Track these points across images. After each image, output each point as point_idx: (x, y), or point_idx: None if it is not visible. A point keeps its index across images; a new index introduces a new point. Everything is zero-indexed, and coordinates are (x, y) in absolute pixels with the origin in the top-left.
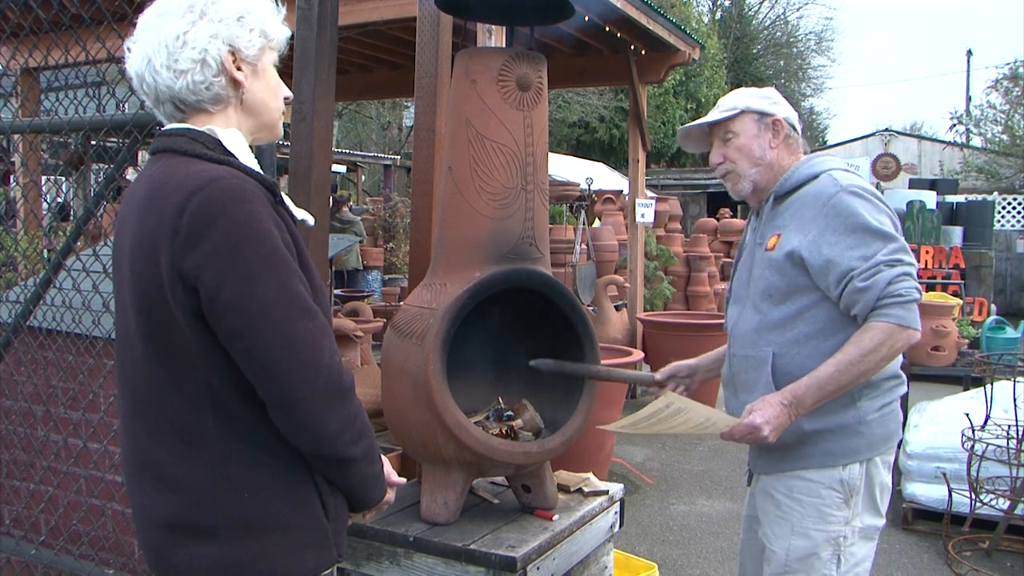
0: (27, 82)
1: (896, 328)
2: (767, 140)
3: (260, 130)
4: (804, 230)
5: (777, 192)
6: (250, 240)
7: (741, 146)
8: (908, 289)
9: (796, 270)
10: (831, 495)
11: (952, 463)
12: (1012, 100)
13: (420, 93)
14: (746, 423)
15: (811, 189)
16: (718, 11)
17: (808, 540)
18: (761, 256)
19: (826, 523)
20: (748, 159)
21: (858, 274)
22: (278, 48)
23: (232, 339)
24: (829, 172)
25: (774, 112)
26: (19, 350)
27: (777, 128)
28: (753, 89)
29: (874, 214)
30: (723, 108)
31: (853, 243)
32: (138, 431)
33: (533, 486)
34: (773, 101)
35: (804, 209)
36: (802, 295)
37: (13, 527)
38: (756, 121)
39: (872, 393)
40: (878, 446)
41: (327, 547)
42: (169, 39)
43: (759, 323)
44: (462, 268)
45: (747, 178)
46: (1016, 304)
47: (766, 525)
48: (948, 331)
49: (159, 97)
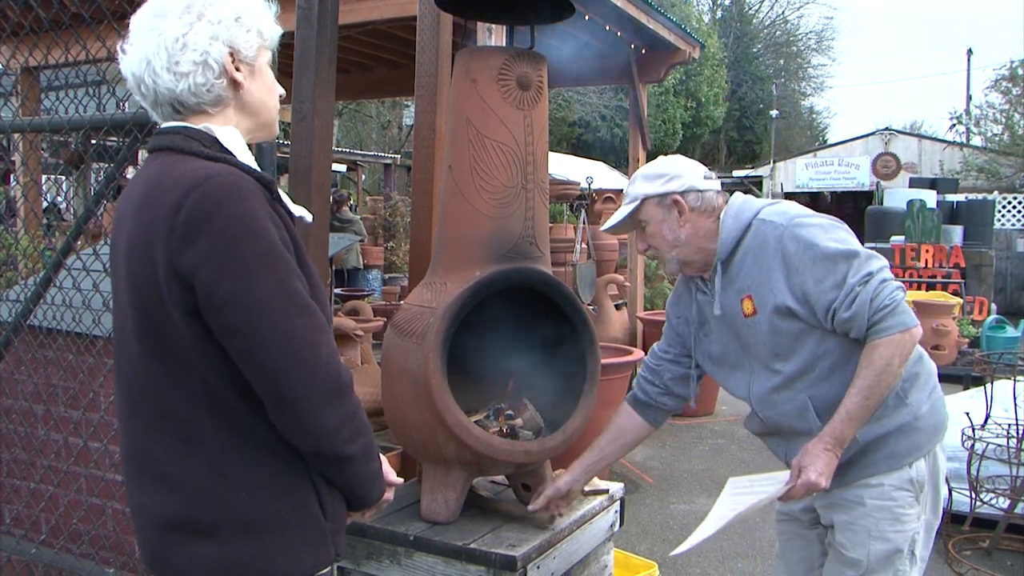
0: (27, 81)
1: (898, 336)
2: (675, 220)
3: (258, 129)
4: (773, 282)
5: (721, 258)
6: (247, 237)
7: (654, 233)
8: (891, 296)
9: (787, 321)
10: (903, 496)
11: (952, 462)
12: (1012, 100)
13: (420, 92)
14: (802, 482)
15: (751, 241)
16: (718, 10)
17: (887, 543)
18: (744, 323)
19: (902, 524)
20: (664, 243)
21: (839, 304)
22: (272, 47)
23: (229, 337)
24: (758, 217)
25: (669, 191)
26: (19, 349)
27: (679, 207)
28: (645, 170)
29: (826, 236)
30: (628, 198)
31: (821, 275)
32: (136, 429)
33: (533, 485)
34: (667, 178)
35: (758, 263)
36: (807, 338)
37: (13, 526)
38: (657, 205)
39: (916, 384)
40: (936, 435)
41: (325, 546)
42: (168, 41)
43: (781, 381)
44: (462, 267)
45: (672, 260)
46: (1016, 303)
47: (839, 534)
48: (948, 330)
49: (158, 99)
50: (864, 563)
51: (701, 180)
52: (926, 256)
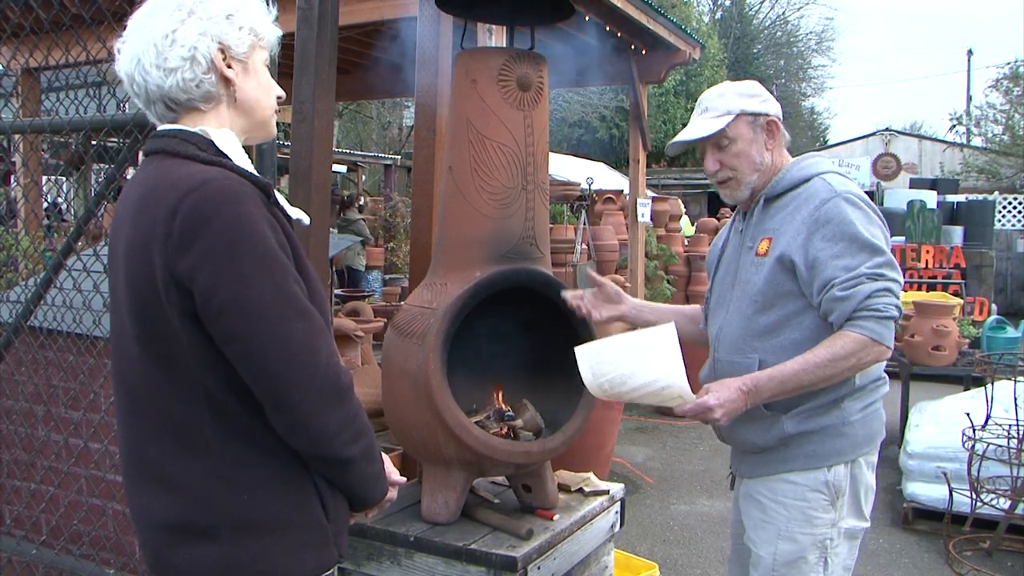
0: (28, 82)
1: (869, 342)
2: (763, 143)
3: (253, 129)
4: (796, 234)
5: (768, 194)
6: (244, 241)
7: (740, 152)
8: (887, 305)
9: (785, 275)
10: (817, 497)
11: (953, 463)
12: (1012, 100)
13: (420, 93)
14: (699, 401)
15: (804, 192)
16: (718, 11)
17: (795, 544)
18: (750, 260)
19: (812, 526)
20: (749, 165)
21: (840, 282)
22: (269, 47)
23: (228, 341)
24: (822, 176)
25: (767, 112)
26: (20, 350)
27: (772, 129)
28: (739, 86)
29: (866, 225)
30: (714, 112)
31: (840, 251)
32: (135, 432)
33: (534, 486)
34: (763, 99)
35: (796, 213)
36: (788, 301)
37: (14, 527)
38: (751, 124)
39: (856, 394)
40: (862, 446)
41: (327, 547)
42: (158, 38)
43: (745, 329)
44: (463, 268)
45: (747, 185)
46: (1017, 304)
47: (751, 530)
48: (949, 331)
49: (150, 97)
50: (770, 563)
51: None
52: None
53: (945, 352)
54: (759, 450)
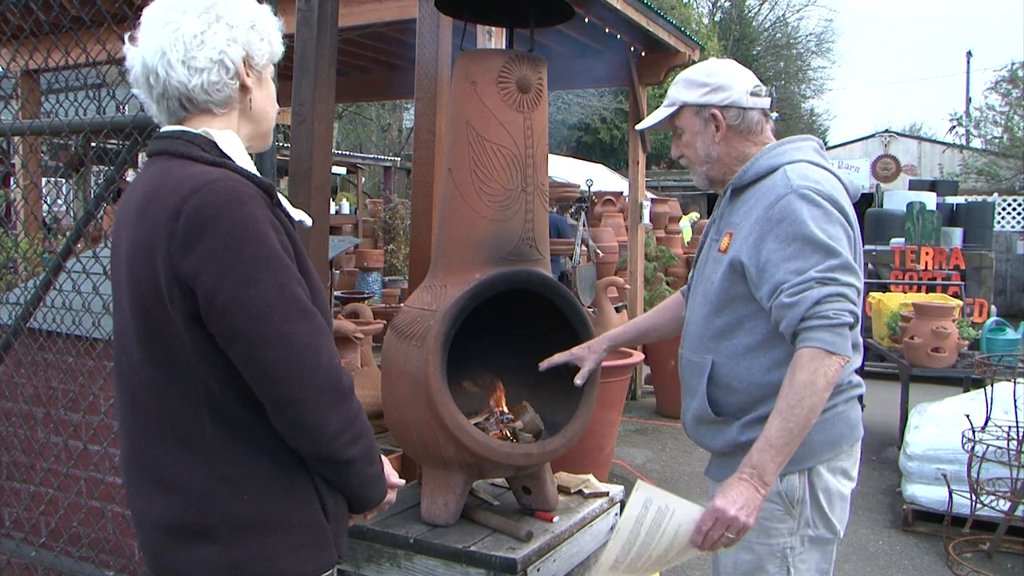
0: (27, 84)
1: (822, 354)
2: (710, 136)
3: (256, 138)
4: (748, 234)
5: (735, 184)
6: (247, 242)
7: (688, 143)
8: (838, 312)
9: (735, 277)
10: (770, 508)
11: (952, 464)
12: (1012, 102)
13: (420, 95)
14: (709, 510)
15: (764, 185)
16: (718, 12)
17: (752, 554)
18: (713, 255)
19: (768, 536)
20: (696, 157)
21: (788, 288)
22: (275, 61)
23: (230, 342)
24: (786, 167)
25: (708, 103)
26: (19, 352)
27: (716, 122)
28: (691, 73)
29: (821, 223)
30: (667, 100)
31: (791, 254)
32: (136, 433)
33: (533, 488)
34: (711, 88)
35: (753, 210)
36: (740, 305)
37: (13, 529)
38: (695, 115)
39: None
40: (820, 453)
41: (327, 548)
42: (187, 36)
43: (703, 328)
44: (462, 270)
45: (701, 175)
46: (1016, 305)
47: None
48: (948, 332)
49: (167, 92)
50: (731, 572)
51: (746, 96)
52: (926, 258)
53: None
54: (718, 454)
